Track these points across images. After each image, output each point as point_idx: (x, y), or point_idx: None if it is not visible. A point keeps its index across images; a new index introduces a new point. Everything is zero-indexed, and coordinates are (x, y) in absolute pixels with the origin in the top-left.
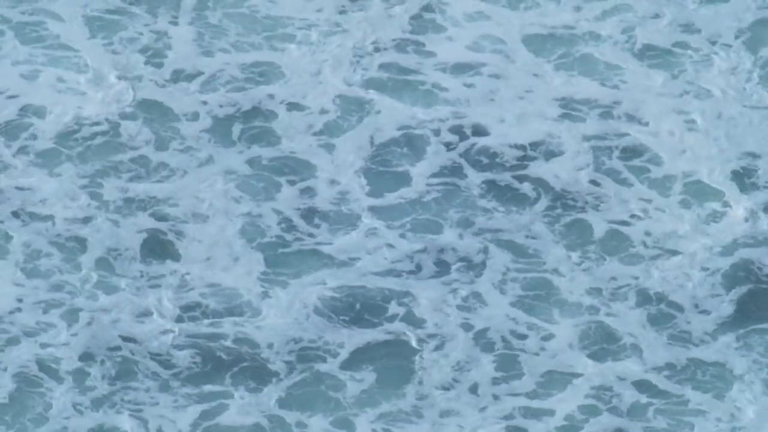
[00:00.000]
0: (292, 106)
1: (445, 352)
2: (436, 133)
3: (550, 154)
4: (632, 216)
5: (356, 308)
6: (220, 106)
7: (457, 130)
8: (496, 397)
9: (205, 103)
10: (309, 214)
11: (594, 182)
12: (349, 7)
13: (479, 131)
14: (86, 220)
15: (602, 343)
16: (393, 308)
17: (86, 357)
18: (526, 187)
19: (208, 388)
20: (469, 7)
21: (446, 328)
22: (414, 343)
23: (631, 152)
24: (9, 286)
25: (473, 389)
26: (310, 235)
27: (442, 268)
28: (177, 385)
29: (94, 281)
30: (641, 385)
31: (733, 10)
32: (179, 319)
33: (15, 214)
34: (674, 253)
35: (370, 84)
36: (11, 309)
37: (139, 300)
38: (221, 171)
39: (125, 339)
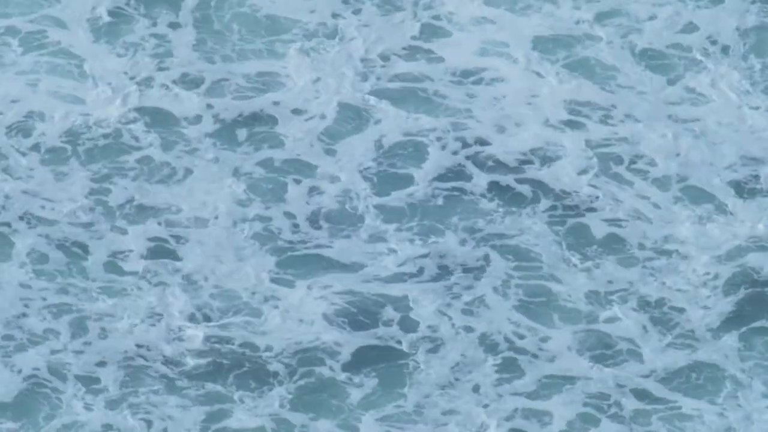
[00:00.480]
0: (296, 113)
1: (446, 355)
2: (440, 138)
3: (552, 159)
4: (632, 220)
5: (359, 312)
6: (226, 109)
7: (461, 136)
8: (496, 400)
9: (210, 106)
10: (313, 218)
11: (595, 186)
12: (351, 12)
13: (483, 136)
14: (92, 224)
15: (602, 348)
16: (395, 312)
17: (93, 360)
18: (529, 192)
19: (214, 390)
20: (474, 12)
21: (448, 332)
22: (416, 347)
23: (631, 156)
24: (16, 290)
25: (475, 391)
26: (315, 238)
27: (445, 272)
28: (183, 387)
29: (101, 285)
30: (641, 390)
31: (733, 12)
32: (185, 322)
33: (21, 218)
34: (675, 257)
35: (374, 91)
36: (18, 313)
37: (145, 303)
38: (226, 175)
39: (132, 342)
